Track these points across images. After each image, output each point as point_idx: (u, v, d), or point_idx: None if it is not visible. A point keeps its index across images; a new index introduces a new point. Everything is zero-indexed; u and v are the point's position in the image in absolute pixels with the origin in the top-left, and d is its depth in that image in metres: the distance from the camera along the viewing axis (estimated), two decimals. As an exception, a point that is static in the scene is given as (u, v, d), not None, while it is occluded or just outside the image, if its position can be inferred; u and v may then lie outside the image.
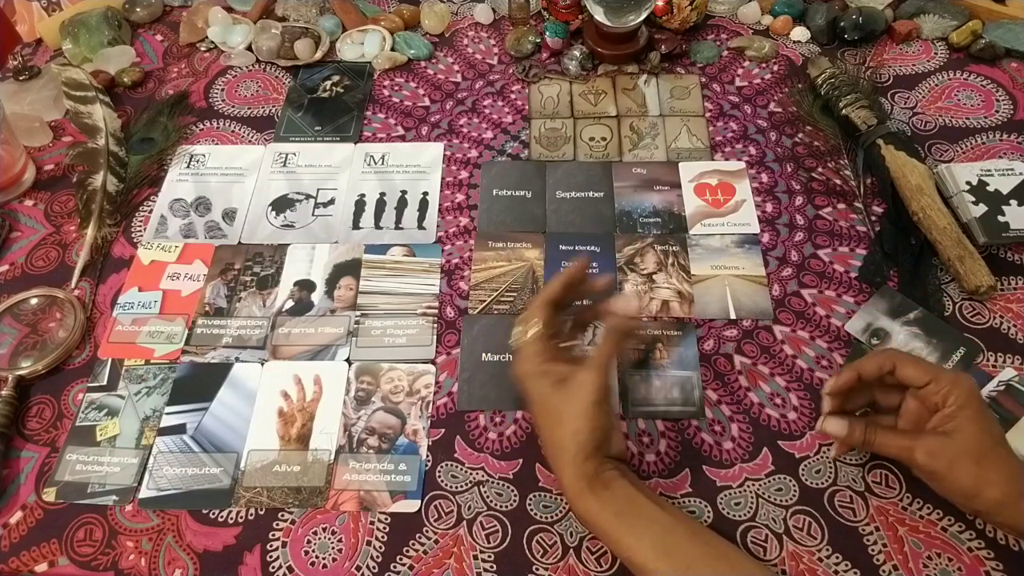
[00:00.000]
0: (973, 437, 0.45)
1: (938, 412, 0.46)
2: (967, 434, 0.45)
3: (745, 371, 0.59)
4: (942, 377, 0.46)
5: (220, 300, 0.64)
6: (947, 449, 0.45)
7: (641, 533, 0.44)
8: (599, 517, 0.45)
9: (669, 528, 0.44)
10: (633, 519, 0.45)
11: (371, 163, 0.74)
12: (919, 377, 0.47)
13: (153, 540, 0.52)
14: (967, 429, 0.45)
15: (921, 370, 0.47)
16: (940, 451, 0.45)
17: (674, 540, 0.44)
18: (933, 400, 0.47)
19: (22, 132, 0.75)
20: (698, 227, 0.67)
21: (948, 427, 0.46)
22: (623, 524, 0.44)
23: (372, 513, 0.53)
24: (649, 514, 0.45)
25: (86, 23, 0.83)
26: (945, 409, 0.46)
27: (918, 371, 0.47)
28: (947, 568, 0.49)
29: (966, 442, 0.45)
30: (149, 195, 0.72)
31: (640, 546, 0.44)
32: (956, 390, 0.46)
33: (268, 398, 0.58)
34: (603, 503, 0.45)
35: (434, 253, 0.67)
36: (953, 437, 0.45)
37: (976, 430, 0.45)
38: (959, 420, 0.45)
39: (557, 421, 0.47)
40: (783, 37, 0.83)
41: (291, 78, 0.82)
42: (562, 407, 0.47)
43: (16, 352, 0.60)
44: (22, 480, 0.55)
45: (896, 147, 0.67)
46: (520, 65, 0.81)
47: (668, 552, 0.43)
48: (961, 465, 0.45)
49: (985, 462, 0.44)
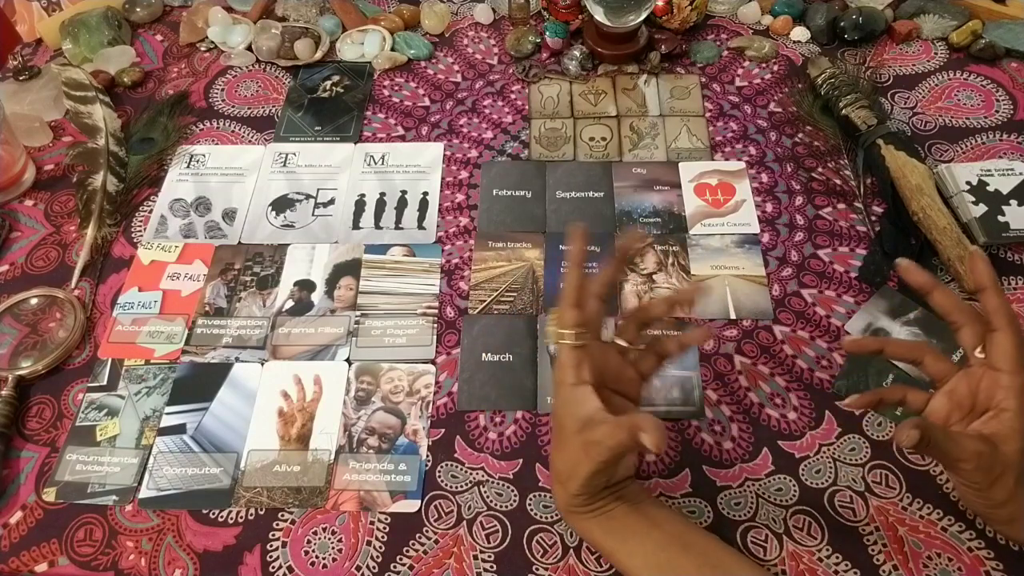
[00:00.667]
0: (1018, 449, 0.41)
1: (987, 410, 0.42)
2: (1013, 445, 0.41)
3: (745, 371, 0.59)
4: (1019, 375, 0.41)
5: (220, 300, 0.64)
6: (994, 460, 0.41)
7: (633, 551, 0.44)
8: (591, 535, 0.46)
9: (663, 544, 0.44)
10: (625, 536, 0.44)
11: (371, 163, 0.74)
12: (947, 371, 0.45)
13: (153, 540, 0.52)
14: (1012, 441, 0.41)
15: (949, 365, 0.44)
16: (989, 461, 0.41)
17: (667, 556, 0.44)
18: (990, 395, 0.42)
19: (22, 132, 0.75)
20: (698, 227, 0.67)
21: (992, 433, 0.42)
22: (615, 541, 0.45)
23: (372, 513, 0.53)
24: (640, 531, 0.44)
25: (86, 23, 0.83)
26: (999, 410, 0.42)
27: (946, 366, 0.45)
28: (947, 568, 0.49)
29: (1011, 454, 0.41)
30: (149, 195, 0.72)
31: (632, 563, 0.44)
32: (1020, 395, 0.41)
33: (268, 398, 0.58)
34: (595, 523, 0.45)
35: (434, 253, 0.67)
36: (1000, 448, 0.41)
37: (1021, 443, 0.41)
38: (1008, 429, 0.41)
39: (564, 446, 0.43)
40: (783, 37, 0.83)
41: (291, 78, 0.82)
42: (569, 448, 0.43)
43: (16, 352, 0.60)
44: (22, 480, 0.55)
45: (896, 147, 0.67)
46: (520, 65, 0.81)
47: (661, 568, 0.43)
48: (1003, 480, 0.42)
49: (1022, 480, 0.42)
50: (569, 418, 0.43)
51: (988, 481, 0.42)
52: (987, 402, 0.43)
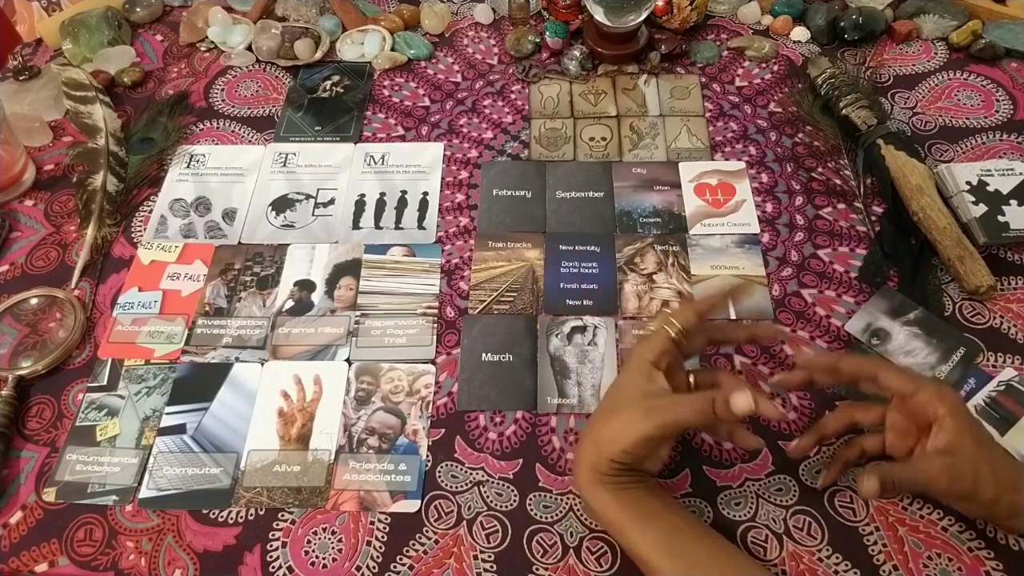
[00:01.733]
0: (974, 447, 0.44)
1: (931, 426, 0.45)
2: (968, 446, 0.44)
3: (745, 371, 0.59)
4: (926, 387, 0.45)
5: (220, 300, 0.64)
6: (962, 466, 0.44)
7: (646, 529, 0.44)
8: (607, 507, 0.45)
9: (676, 528, 0.44)
10: (640, 515, 0.45)
11: (371, 163, 0.74)
12: (903, 386, 0.46)
13: (153, 540, 0.52)
14: (966, 440, 0.44)
15: (904, 379, 0.46)
16: (958, 471, 0.44)
17: (680, 541, 0.44)
18: (923, 412, 0.46)
19: (22, 132, 0.75)
20: (698, 227, 0.67)
21: (947, 442, 0.44)
22: (629, 519, 0.45)
23: (372, 513, 0.53)
24: (657, 512, 0.45)
25: (86, 23, 0.83)
26: (937, 422, 0.45)
27: (901, 380, 0.46)
28: (947, 568, 0.49)
29: (972, 453, 0.44)
30: (149, 195, 0.72)
31: (644, 542, 0.44)
32: (943, 401, 0.45)
33: (268, 398, 0.58)
34: (612, 495, 0.45)
35: (434, 253, 0.67)
36: (959, 452, 0.44)
37: (973, 440, 0.44)
38: (955, 432, 0.44)
39: (618, 412, 0.46)
40: (783, 37, 0.83)
41: (291, 78, 0.82)
42: (627, 411, 0.45)
43: (16, 352, 0.60)
44: (22, 480, 0.55)
45: (896, 147, 0.67)
46: (520, 65, 0.81)
47: (673, 552, 0.43)
48: (981, 479, 0.44)
49: (996, 467, 0.44)
50: (634, 388, 0.46)
51: (968, 486, 0.44)
52: (925, 418, 0.46)
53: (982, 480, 0.44)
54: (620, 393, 0.47)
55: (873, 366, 0.48)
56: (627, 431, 0.44)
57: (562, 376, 0.59)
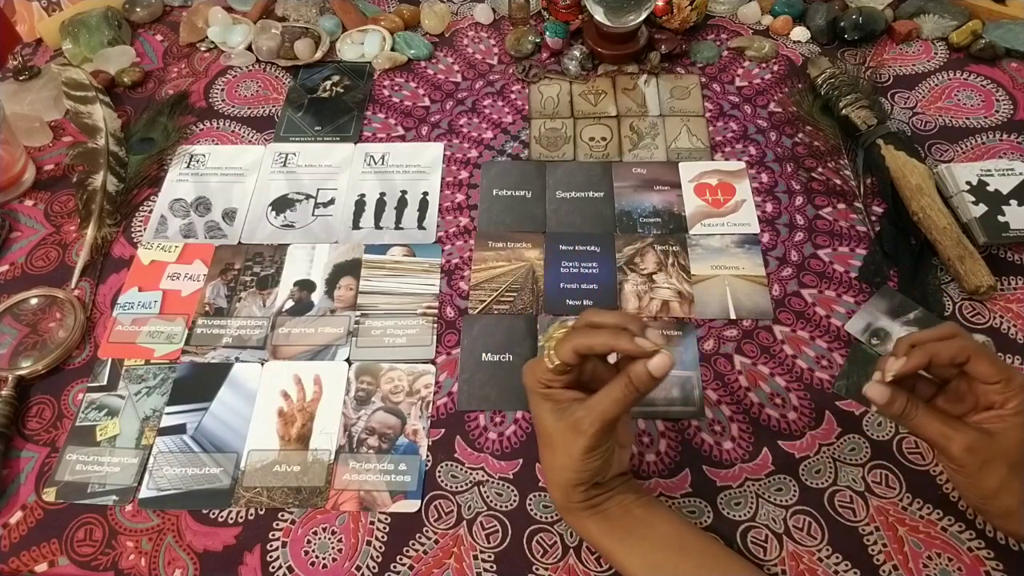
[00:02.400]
0: (1016, 443, 0.43)
1: (991, 410, 0.44)
2: (1011, 439, 0.43)
3: (745, 371, 0.59)
4: (1013, 380, 0.44)
5: (220, 300, 0.64)
6: (986, 448, 0.43)
7: (630, 550, 0.45)
8: (590, 535, 0.46)
9: (658, 544, 0.45)
10: (622, 535, 0.45)
11: (371, 163, 0.74)
12: (992, 374, 0.44)
13: (153, 540, 0.52)
14: (1013, 435, 0.43)
15: (996, 368, 0.44)
16: (979, 448, 0.43)
17: (663, 556, 0.44)
18: (993, 398, 0.44)
19: (22, 132, 0.75)
20: (698, 227, 0.67)
21: (995, 427, 0.44)
22: (612, 542, 0.45)
23: (372, 513, 0.53)
24: (638, 529, 0.45)
25: (86, 23, 0.83)
26: (1002, 411, 0.44)
27: (993, 369, 0.44)
28: (947, 568, 0.49)
29: (1007, 446, 0.43)
30: (149, 195, 0.72)
31: (629, 563, 0.44)
32: (1019, 395, 0.43)
33: (268, 398, 0.58)
34: (593, 522, 0.45)
35: (434, 253, 0.67)
36: (995, 438, 0.43)
37: (1020, 438, 0.43)
38: (1009, 424, 0.43)
39: (550, 447, 0.45)
40: (783, 37, 0.83)
41: (291, 78, 0.82)
42: (557, 438, 0.44)
43: (16, 352, 0.60)
44: (22, 480, 0.55)
45: (896, 147, 0.67)
46: (520, 65, 0.81)
47: (658, 568, 0.44)
48: (993, 467, 0.43)
49: (1017, 470, 0.43)
50: (546, 415, 0.44)
51: (976, 464, 0.43)
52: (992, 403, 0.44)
53: (992, 469, 0.43)
54: (539, 425, 0.46)
55: (967, 350, 0.45)
56: (568, 454, 0.43)
57: (562, 376, 0.59)
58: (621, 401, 0.42)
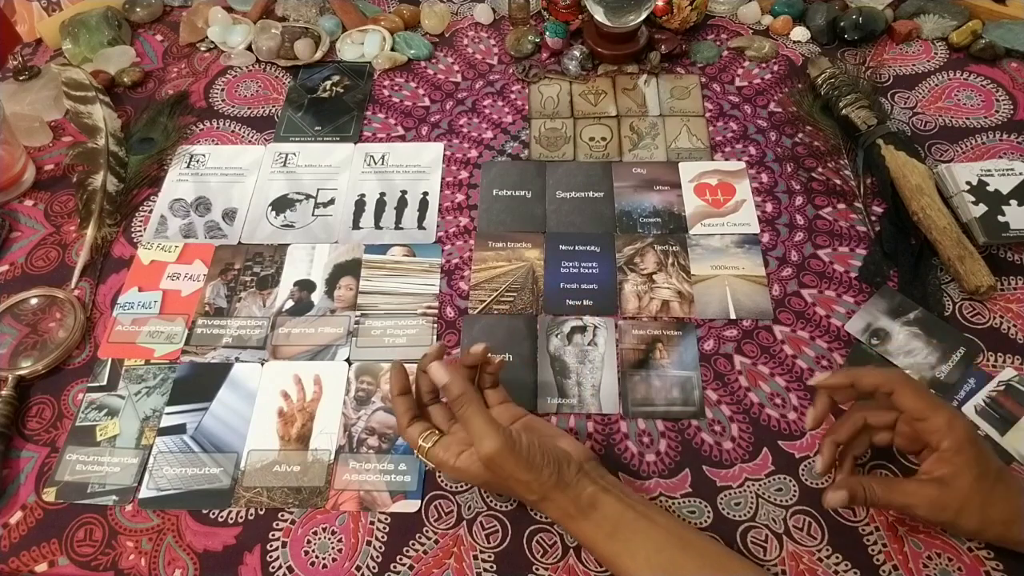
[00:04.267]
0: (970, 484, 0.43)
1: (935, 451, 0.45)
2: (965, 481, 0.43)
3: (745, 371, 0.59)
4: (937, 416, 0.44)
5: (220, 300, 0.64)
6: (948, 497, 0.44)
7: (635, 552, 0.44)
8: (594, 539, 0.46)
9: (661, 544, 0.44)
10: (627, 537, 0.45)
11: (371, 163, 0.74)
12: (916, 409, 0.45)
13: (153, 540, 0.52)
14: (964, 476, 0.43)
15: (920, 403, 0.45)
16: (942, 501, 0.44)
17: (668, 555, 0.44)
18: (929, 438, 0.45)
19: (22, 132, 0.75)
20: (698, 227, 0.67)
21: (943, 473, 0.44)
22: (617, 543, 0.45)
23: (372, 513, 0.53)
24: (642, 530, 0.45)
25: (86, 23, 0.83)
26: (942, 453, 0.44)
27: (916, 403, 0.45)
28: (947, 568, 0.49)
29: (965, 489, 0.43)
30: (149, 195, 0.72)
31: (635, 564, 0.44)
32: (951, 434, 0.44)
33: (268, 398, 0.58)
34: (595, 525, 0.45)
35: (434, 253, 0.67)
36: (952, 485, 0.44)
37: (973, 476, 0.43)
38: (955, 466, 0.44)
39: (498, 485, 0.48)
40: (783, 37, 0.83)
41: (291, 78, 0.82)
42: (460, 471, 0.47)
43: (16, 352, 0.60)
44: (22, 480, 0.55)
45: (896, 147, 0.67)
46: (520, 65, 0.81)
47: (663, 569, 0.44)
48: (965, 513, 0.44)
49: (988, 504, 0.44)
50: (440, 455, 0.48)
51: (949, 516, 0.44)
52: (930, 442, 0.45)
53: (966, 514, 0.44)
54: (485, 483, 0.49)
55: (891, 382, 0.46)
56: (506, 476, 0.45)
57: (562, 376, 0.59)
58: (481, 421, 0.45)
